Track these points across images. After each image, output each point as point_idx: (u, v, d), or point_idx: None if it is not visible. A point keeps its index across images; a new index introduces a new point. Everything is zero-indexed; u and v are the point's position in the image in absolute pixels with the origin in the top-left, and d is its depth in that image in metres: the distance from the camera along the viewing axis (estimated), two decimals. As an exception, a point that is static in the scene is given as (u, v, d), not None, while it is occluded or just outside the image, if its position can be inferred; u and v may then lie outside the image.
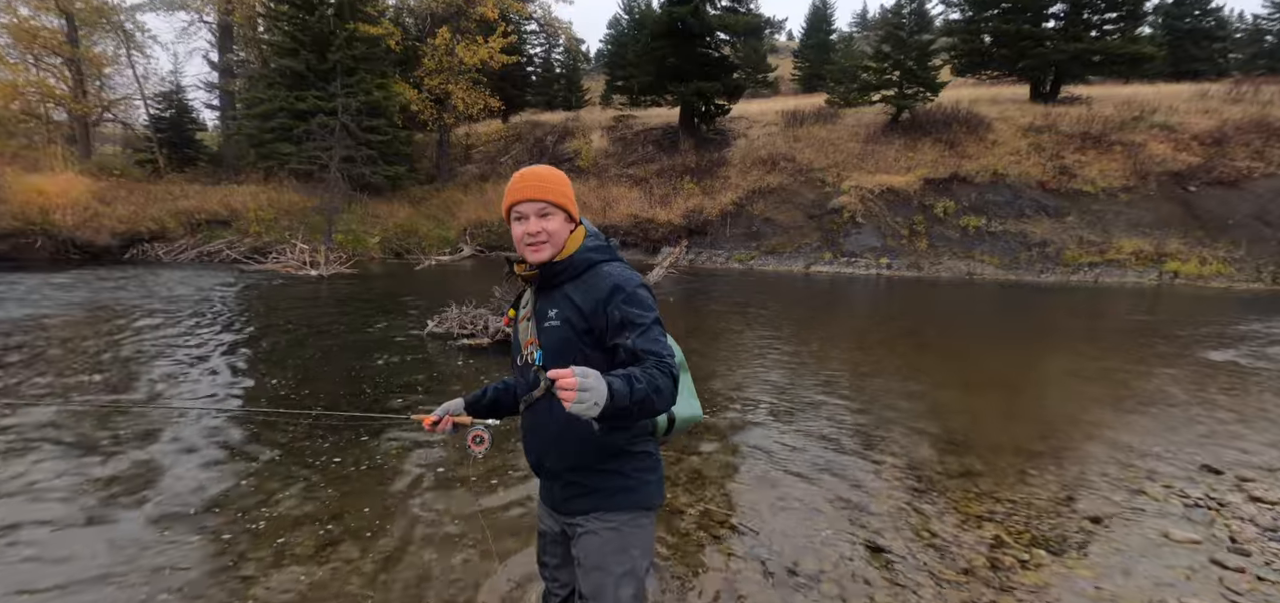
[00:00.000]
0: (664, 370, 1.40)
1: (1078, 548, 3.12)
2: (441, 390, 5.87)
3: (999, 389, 6.37)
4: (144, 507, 3.48)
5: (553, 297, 1.62)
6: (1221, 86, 23.31)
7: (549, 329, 1.60)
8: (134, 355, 6.92)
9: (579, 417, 1.29)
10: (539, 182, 1.60)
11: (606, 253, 1.65)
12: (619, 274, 1.58)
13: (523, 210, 1.59)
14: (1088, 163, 19.74)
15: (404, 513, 3.45)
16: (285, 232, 17.12)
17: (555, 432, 1.64)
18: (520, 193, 1.59)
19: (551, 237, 1.59)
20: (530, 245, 1.59)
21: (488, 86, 24.81)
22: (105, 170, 20.27)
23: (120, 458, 4.12)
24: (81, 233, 15.87)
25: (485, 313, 7.89)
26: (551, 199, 1.59)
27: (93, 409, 5.06)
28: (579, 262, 1.61)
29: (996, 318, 11.74)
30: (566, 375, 1.27)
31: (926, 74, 21.54)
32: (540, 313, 1.63)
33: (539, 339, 1.62)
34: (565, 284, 1.61)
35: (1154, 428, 5.08)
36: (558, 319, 1.58)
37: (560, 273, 1.61)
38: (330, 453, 4.25)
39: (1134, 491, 3.82)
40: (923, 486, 3.89)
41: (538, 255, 1.59)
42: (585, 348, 1.56)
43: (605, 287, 1.54)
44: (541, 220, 1.58)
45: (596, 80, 38.77)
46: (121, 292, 11.20)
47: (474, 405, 1.89)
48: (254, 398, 5.60)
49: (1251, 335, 9.32)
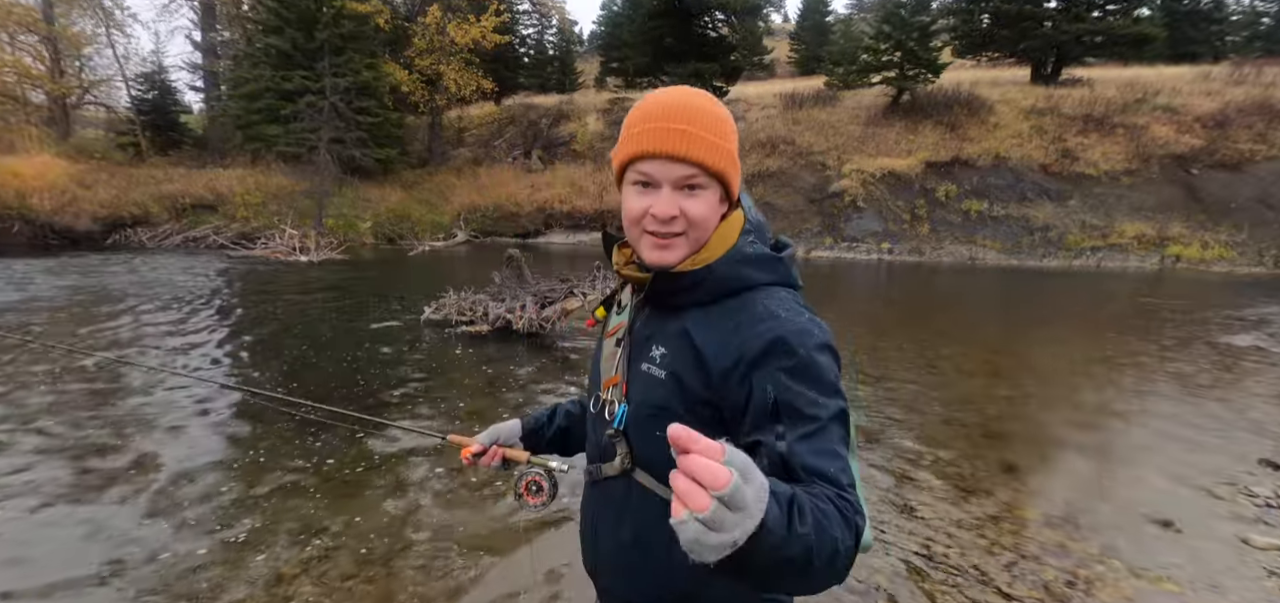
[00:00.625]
0: (845, 515, 0.72)
1: (1153, 559, 2.85)
2: (442, 383, 5.53)
3: (1027, 377, 6.12)
4: (122, 504, 3.15)
5: (664, 323, 0.96)
6: (1223, 68, 23.12)
7: (645, 378, 0.95)
8: (112, 344, 6.53)
9: (688, 547, 0.59)
10: (690, 125, 0.89)
11: (772, 265, 0.95)
12: (788, 314, 0.88)
13: (652, 174, 0.90)
14: (1090, 145, 19.53)
15: (397, 532, 3.13)
16: (274, 216, 16.60)
17: (627, 541, 1.00)
18: (655, 142, 0.89)
19: (694, 225, 0.92)
20: (655, 236, 0.92)
21: (480, 68, 24.21)
22: (84, 153, 19.59)
23: (96, 450, 3.76)
24: (60, 217, 15.29)
25: (485, 299, 7.54)
26: (708, 162, 0.89)
27: (74, 396, 4.69)
28: (723, 276, 0.92)
29: (1007, 303, 11.52)
30: (695, 461, 0.58)
31: (927, 55, 21.18)
32: (639, 343, 0.99)
33: (626, 385, 0.99)
34: (690, 308, 0.94)
35: (1196, 418, 4.83)
36: (661, 368, 0.94)
37: (686, 288, 0.93)
38: (322, 453, 3.91)
39: (1197, 489, 3.57)
40: (968, 484, 3.62)
41: (665, 255, 0.93)
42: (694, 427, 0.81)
43: (759, 334, 0.86)
44: (684, 197, 0.91)
45: (591, 62, 38.06)
46: (90, 279, 10.73)
47: (534, 435, 1.30)
48: (227, 407, 5.23)
49: (1268, 319, 9.13)
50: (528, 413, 1.35)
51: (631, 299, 1.06)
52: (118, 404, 4.81)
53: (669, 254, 0.93)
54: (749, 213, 0.99)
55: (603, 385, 1.06)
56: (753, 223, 0.98)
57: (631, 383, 0.99)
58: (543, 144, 23.72)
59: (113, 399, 4.91)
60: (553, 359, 6.38)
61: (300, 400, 3.83)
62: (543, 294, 7.28)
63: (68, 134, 22.93)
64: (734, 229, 0.96)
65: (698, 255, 0.93)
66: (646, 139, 0.90)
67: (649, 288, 0.96)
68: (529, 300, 7.14)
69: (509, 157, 23.84)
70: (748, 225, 0.97)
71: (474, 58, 23.84)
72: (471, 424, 4.57)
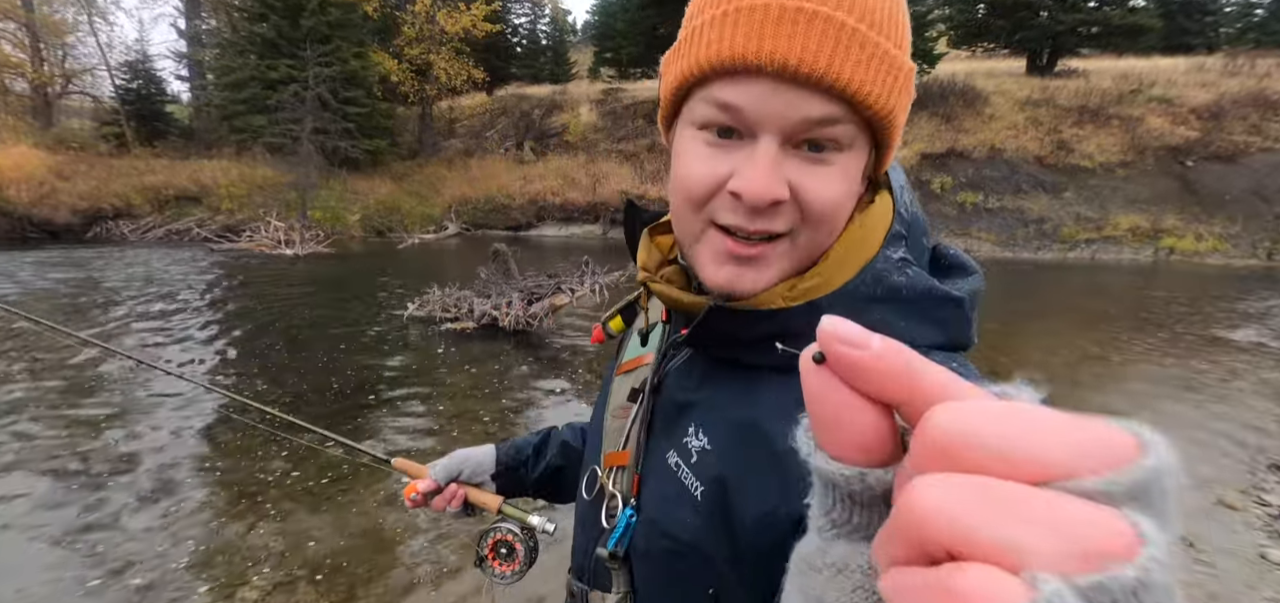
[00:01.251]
0: None
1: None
2: (422, 384, 5.33)
3: (1026, 374, 5.97)
4: (64, 524, 2.94)
5: (718, 387, 0.56)
6: (1218, 59, 23.07)
7: (669, 481, 0.57)
8: (70, 346, 6.29)
9: None
10: (838, 8, 0.44)
11: (938, 312, 0.52)
12: None
13: (745, 108, 0.47)
14: (1085, 137, 19.44)
15: (368, 558, 2.94)
16: (259, 208, 16.28)
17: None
18: (763, 36, 0.44)
19: (814, 221, 0.49)
20: (732, 237, 0.50)
21: (471, 57, 23.85)
22: (64, 144, 19.17)
23: (43, 463, 3.55)
24: (38, 209, 14.93)
25: (470, 295, 7.33)
26: (867, 92, 0.45)
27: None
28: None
29: (1003, 298, 11.40)
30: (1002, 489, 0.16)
31: (923, 45, 21.01)
32: (668, 410, 0.60)
33: (638, 479, 0.61)
34: (770, 372, 0.52)
35: (1200, 419, 4.71)
36: (699, 475, 0.54)
37: (766, 340, 0.49)
38: (286, 467, 3.69)
39: (1208, 498, 3.43)
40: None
41: (748, 277, 0.51)
42: (726, 583, 0.52)
43: None
44: (803, 164, 0.48)
45: (584, 52, 37.70)
46: (59, 273, 10.44)
47: (512, 473, 0.94)
48: (193, 407, 5.01)
49: (1267, 314, 9.04)
50: (507, 440, 0.97)
51: (665, 326, 0.64)
52: (74, 401, 4.60)
53: (754, 275, 0.50)
54: (900, 198, 0.54)
55: (602, 458, 0.66)
56: (906, 219, 0.53)
57: (647, 478, 0.60)
58: (535, 135, 23.43)
59: (71, 397, 4.69)
60: (540, 359, 6.19)
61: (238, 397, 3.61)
62: (530, 290, 7.08)
63: (51, 124, 22.46)
64: (876, 231, 0.51)
65: (805, 276, 0.50)
66: (745, 29, 0.44)
67: (698, 324, 0.53)
68: (516, 297, 6.94)
69: (501, 148, 23.54)
70: (898, 224, 0.52)
71: (465, 47, 23.48)
72: (447, 435, 4.37)
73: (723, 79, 0.47)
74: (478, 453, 0.94)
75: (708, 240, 0.51)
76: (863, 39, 0.44)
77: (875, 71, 0.44)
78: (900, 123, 0.49)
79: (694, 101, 0.50)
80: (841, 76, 0.44)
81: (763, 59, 0.44)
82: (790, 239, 0.49)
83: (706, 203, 0.50)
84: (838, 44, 0.43)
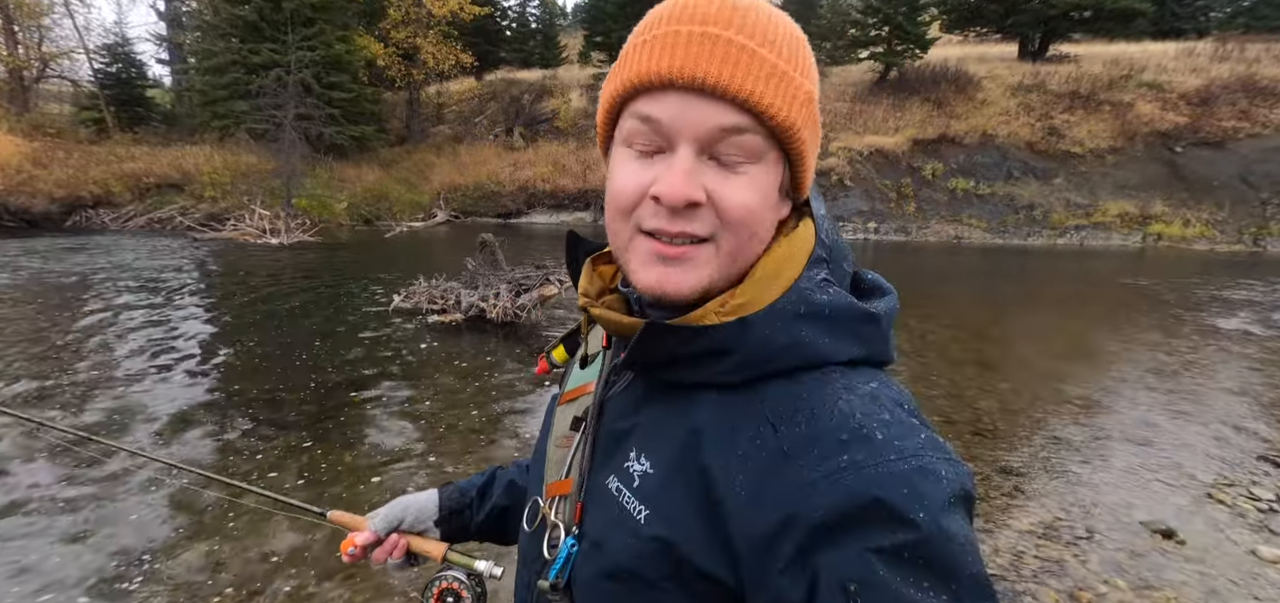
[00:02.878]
0: None
1: (1157, 575, 2.68)
2: (407, 380, 5.23)
3: (1016, 366, 5.97)
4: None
5: (658, 409, 0.57)
6: (1208, 45, 23.10)
7: (611, 507, 0.56)
8: (25, 345, 6.13)
9: None
10: (741, 32, 0.50)
11: (856, 328, 0.54)
12: (888, 435, 0.46)
13: (663, 121, 0.52)
14: (1076, 123, 19.45)
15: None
16: (243, 196, 15.98)
17: None
18: (676, 58, 0.50)
19: (732, 226, 0.52)
20: (656, 240, 0.54)
21: (459, 40, 23.46)
22: (41, 129, 18.72)
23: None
24: (14, 198, 14.59)
25: (457, 287, 7.22)
26: (769, 105, 0.50)
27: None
28: (769, 341, 0.52)
29: (994, 285, 11.41)
30: None
31: (915, 29, 20.88)
32: (609, 437, 0.60)
33: (581, 506, 0.60)
34: (705, 390, 0.54)
35: (1191, 410, 4.71)
36: (641, 498, 0.54)
37: (699, 357, 0.53)
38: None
39: (1197, 492, 3.42)
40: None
41: (674, 278, 0.53)
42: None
43: (834, 475, 0.45)
44: (717, 173, 0.52)
45: (574, 37, 37.23)
46: (33, 264, 10.21)
47: (456, 517, 0.90)
48: (162, 412, 4.90)
49: (1253, 302, 9.10)
50: (450, 484, 0.92)
51: (605, 353, 0.65)
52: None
53: (681, 276, 0.52)
54: (822, 226, 0.58)
55: (544, 488, 0.65)
56: (827, 244, 0.57)
57: (589, 506, 0.59)
58: (525, 121, 23.14)
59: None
60: (529, 350, 6.11)
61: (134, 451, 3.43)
62: (518, 282, 6.98)
63: (27, 109, 21.92)
64: (799, 252, 0.55)
65: (734, 293, 0.53)
66: (660, 52, 0.50)
67: (634, 346, 0.53)
68: (503, 288, 6.84)
69: (490, 134, 23.25)
70: (820, 248, 0.56)
71: (452, 30, 23.09)
72: (433, 433, 4.29)
73: (644, 96, 0.53)
74: (419, 499, 0.90)
75: (635, 246, 0.55)
76: (762, 59, 0.50)
77: (773, 86, 0.51)
78: (806, 140, 0.54)
79: (623, 120, 0.56)
80: (743, 88, 0.50)
81: (675, 74, 0.50)
82: (714, 244, 0.53)
83: (633, 210, 0.55)
84: (738, 62, 0.50)
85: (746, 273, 0.54)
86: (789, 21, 0.54)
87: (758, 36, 0.51)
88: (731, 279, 0.54)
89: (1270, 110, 18.63)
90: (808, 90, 0.53)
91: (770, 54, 0.51)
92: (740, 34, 0.50)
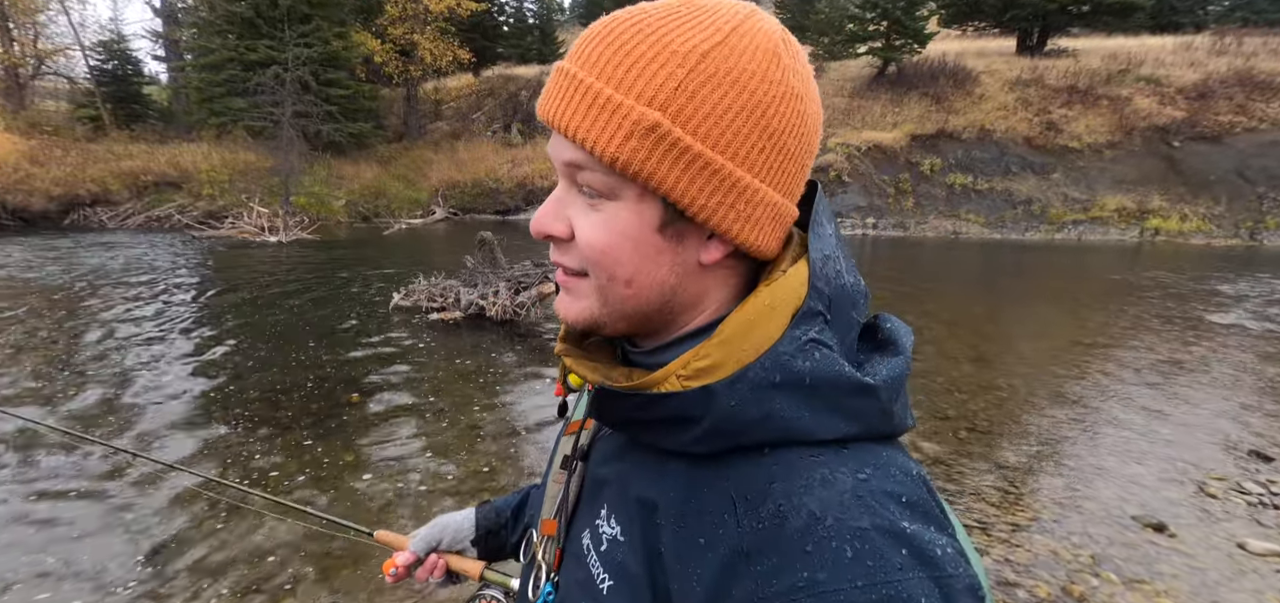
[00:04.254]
0: None
1: (1148, 568, 2.73)
2: (408, 379, 5.27)
3: (1013, 362, 6.01)
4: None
5: (630, 467, 0.53)
6: (1205, 39, 23.11)
7: (581, 568, 0.54)
8: (21, 347, 6.16)
9: None
10: (583, 65, 0.48)
11: (840, 403, 0.45)
12: (866, 547, 0.39)
13: (551, 156, 0.52)
14: (1074, 118, 19.48)
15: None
16: (241, 194, 15.97)
17: None
18: (542, 97, 0.51)
19: (595, 265, 0.50)
20: (560, 271, 0.54)
21: (456, 37, 23.41)
22: (37, 127, 18.67)
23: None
24: (12, 196, 14.55)
25: (456, 285, 7.25)
26: (592, 141, 0.46)
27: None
28: (733, 415, 0.45)
29: (991, 280, 11.46)
30: None
31: (914, 24, 20.87)
32: (592, 485, 0.58)
33: (560, 553, 0.60)
34: (676, 457, 0.49)
35: (1183, 405, 4.75)
36: (608, 565, 0.51)
37: (664, 423, 0.48)
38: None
39: (1188, 486, 3.46)
40: (954, 485, 3.47)
41: (566, 304, 0.54)
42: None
43: (789, 592, 0.39)
44: (581, 204, 0.51)
45: (572, 32, 37.16)
46: (33, 258, 10.22)
47: (491, 537, 0.91)
48: (159, 416, 4.93)
49: (1247, 296, 9.15)
50: (487, 503, 0.94)
51: (585, 398, 0.63)
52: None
53: (568, 302, 0.53)
54: (820, 270, 0.49)
55: (541, 523, 0.64)
56: (827, 292, 0.48)
57: (567, 556, 0.58)
58: (523, 117, 23.12)
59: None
60: (529, 348, 6.15)
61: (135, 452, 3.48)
62: (517, 279, 7.01)
63: (23, 107, 21.85)
64: (783, 303, 0.47)
65: (699, 352, 0.47)
66: (546, 91, 0.51)
67: (590, 405, 0.53)
68: (503, 286, 6.87)
69: (488, 130, 23.24)
70: (815, 298, 0.48)
71: (449, 26, 23.03)
72: (436, 434, 4.32)
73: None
74: (457, 519, 0.92)
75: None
76: (586, 88, 0.46)
77: (591, 118, 0.46)
78: (660, 175, 0.46)
79: None
80: (563, 121, 0.47)
81: (540, 114, 0.50)
82: (588, 278, 0.51)
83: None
84: (565, 94, 0.48)
85: (643, 304, 0.51)
86: (676, 31, 0.46)
87: (591, 61, 0.47)
88: (628, 319, 0.51)
89: (1267, 104, 18.67)
90: (648, 119, 0.44)
91: (596, 81, 0.46)
92: (579, 63, 0.48)
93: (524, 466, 3.74)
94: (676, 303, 0.51)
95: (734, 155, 0.46)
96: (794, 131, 0.48)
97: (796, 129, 0.48)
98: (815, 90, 0.51)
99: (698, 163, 0.45)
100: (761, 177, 0.47)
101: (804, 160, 0.50)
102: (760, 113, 0.46)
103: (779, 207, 0.49)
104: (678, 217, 0.48)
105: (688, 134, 0.45)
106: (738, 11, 0.47)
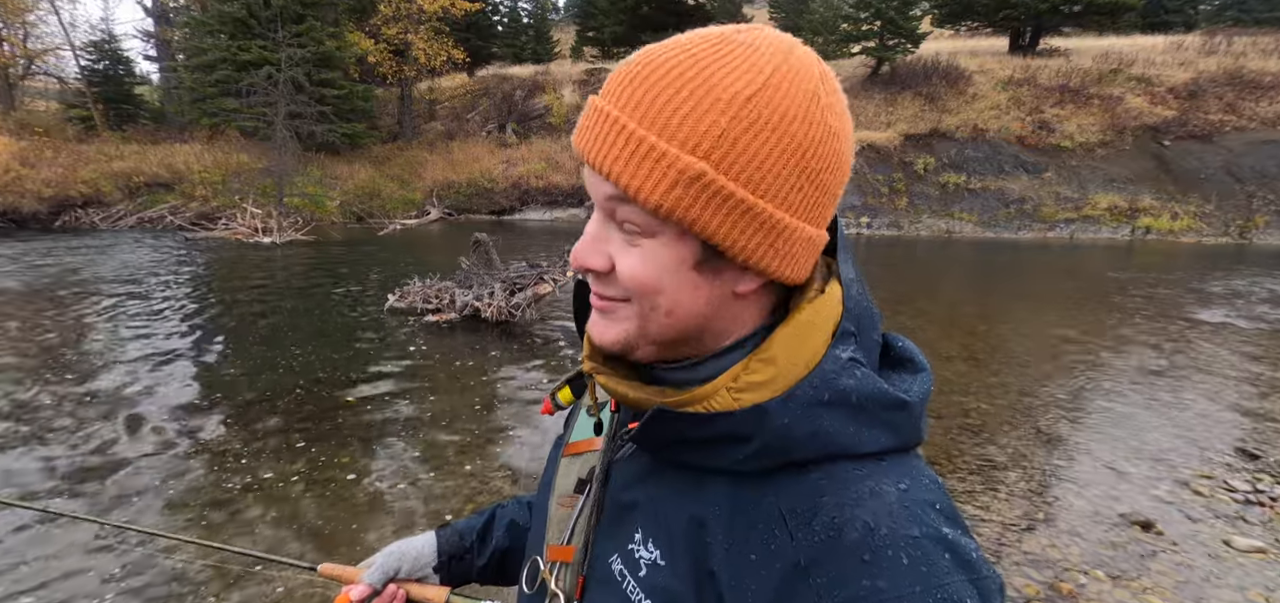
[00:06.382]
0: None
1: (1137, 565, 2.76)
2: (402, 383, 5.26)
3: (1004, 361, 6.06)
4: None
5: (666, 489, 0.54)
6: (1196, 38, 23.31)
7: (618, 589, 0.54)
8: (9, 349, 6.12)
9: None
10: (621, 106, 0.48)
11: (883, 417, 0.49)
12: (919, 556, 0.42)
13: (587, 188, 0.53)
14: (1066, 117, 19.61)
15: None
16: (234, 195, 15.90)
17: None
18: (577, 132, 0.52)
19: (637, 294, 0.52)
20: (597, 296, 0.55)
21: (450, 36, 23.36)
22: (28, 128, 18.53)
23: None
24: (2, 198, 14.45)
25: (451, 286, 7.25)
26: (631, 183, 0.47)
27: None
28: (785, 433, 0.47)
29: (984, 279, 11.53)
30: None
31: (907, 24, 20.95)
32: (614, 509, 0.58)
33: (582, 581, 0.58)
34: (718, 475, 0.50)
35: (1171, 402, 4.81)
36: (647, 589, 0.52)
37: (713, 441, 0.49)
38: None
39: (1176, 484, 3.51)
40: (948, 485, 3.50)
41: (604, 329, 0.55)
42: None
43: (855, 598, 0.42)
44: (619, 239, 0.52)
45: (566, 31, 37.13)
46: (23, 261, 10.15)
47: (455, 562, 0.88)
48: (150, 416, 4.91)
49: (1236, 294, 9.24)
50: (449, 522, 0.90)
51: (614, 415, 0.62)
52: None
53: (604, 325, 0.54)
54: (849, 292, 0.53)
55: (545, 549, 0.63)
56: (856, 313, 0.52)
57: (592, 583, 0.57)
58: (517, 117, 23.10)
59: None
60: (525, 349, 6.15)
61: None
62: (512, 280, 7.01)
63: (13, 107, 21.69)
64: (825, 321, 0.50)
65: (749, 366, 0.49)
66: (580, 127, 0.51)
67: (641, 429, 0.52)
68: (498, 287, 6.87)
69: (483, 130, 23.19)
70: (847, 320, 0.51)
71: (444, 26, 22.98)
72: (430, 437, 4.32)
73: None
74: (417, 544, 0.87)
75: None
76: (630, 135, 0.46)
77: (634, 166, 0.46)
78: (702, 220, 0.46)
79: None
80: (604, 165, 0.47)
81: (576, 147, 0.51)
82: (631, 304, 0.52)
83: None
84: (603, 135, 0.48)
85: (686, 331, 0.52)
86: (718, 74, 0.45)
87: (632, 104, 0.47)
88: (656, 335, 0.52)
89: (1256, 104, 18.85)
90: (693, 169, 0.45)
91: (639, 127, 0.46)
92: (618, 104, 0.47)
93: (518, 469, 3.75)
94: (710, 329, 0.52)
95: (774, 197, 0.47)
96: (831, 168, 0.48)
97: (834, 167, 0.49)
98: (849, 122, 0.51)
99: (740, 208, 0.46)
100: (799, 214, 0.48)
101: (837, 192, 0.51)
102: (800, 155, 0.46)
103: (814, 239, 0.50)
104: (715, 255, 0.49)
105: (731, 181, 0.46)
106: (778, 49, 0.47)
